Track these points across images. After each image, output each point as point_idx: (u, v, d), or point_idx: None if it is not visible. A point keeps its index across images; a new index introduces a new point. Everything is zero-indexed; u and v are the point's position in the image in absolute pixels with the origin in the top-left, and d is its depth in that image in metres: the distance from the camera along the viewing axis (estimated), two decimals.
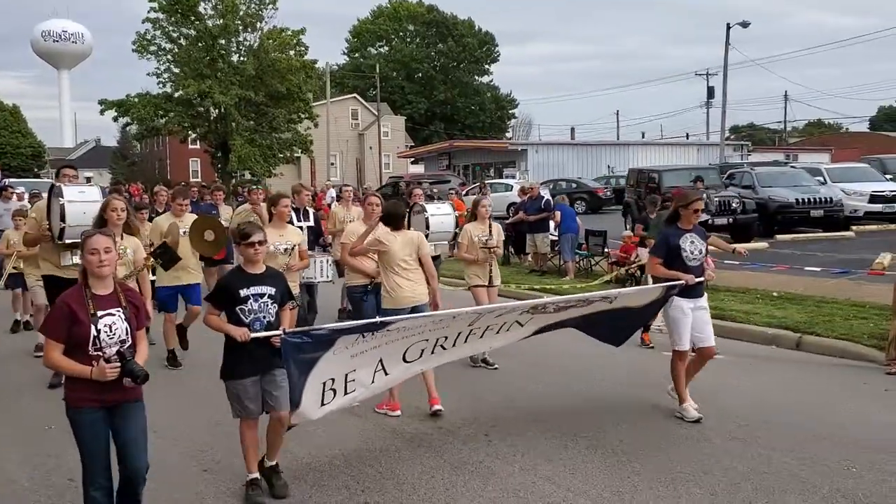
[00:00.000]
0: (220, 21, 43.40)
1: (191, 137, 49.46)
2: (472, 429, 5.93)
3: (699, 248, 6.08)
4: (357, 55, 74.49)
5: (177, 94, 44.27)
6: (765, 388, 6.94)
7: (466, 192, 26.78)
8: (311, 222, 8.79)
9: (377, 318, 5.15)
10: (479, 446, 5.54)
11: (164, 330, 8.05)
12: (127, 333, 3.82)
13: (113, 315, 3.79)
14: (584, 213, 27.33)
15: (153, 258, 7.01)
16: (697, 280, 6.02)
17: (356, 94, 65.74)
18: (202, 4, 43.48)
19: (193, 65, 42.95)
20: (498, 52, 75.66)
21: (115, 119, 46.38)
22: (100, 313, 3.75)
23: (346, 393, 5.00)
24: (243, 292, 4.56)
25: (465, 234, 8.06)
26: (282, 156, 47.40)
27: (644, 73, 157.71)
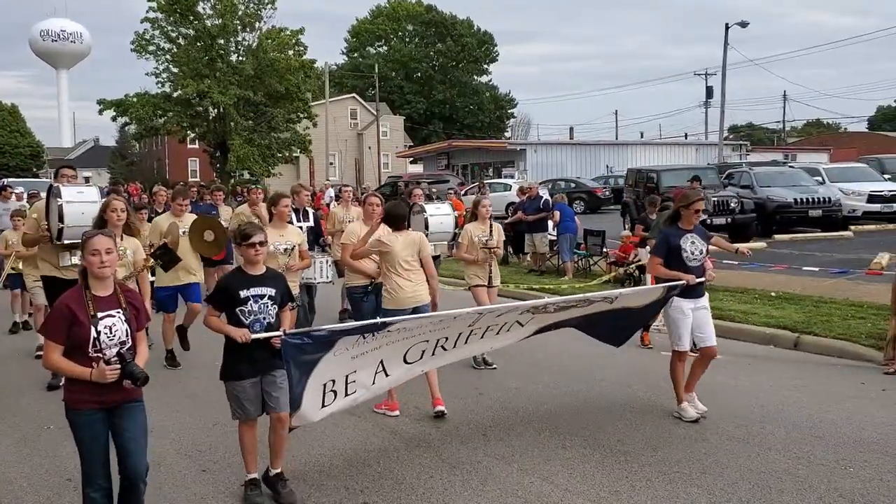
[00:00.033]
0: (219, 21, 43.46)
1: (189, 137, 49.54)
2: (470, 429, 5.95)
3: (700, 249, 6.07)
4: (356, 55, 74.49)
5: (175, 94, 44.34)
6: (762, 387, 6.95)
7: (465, 192, 26.79)
8: (310, 222, 8.78)
9: (378, 319, 5.13)
10: (477, 446, 5.56)
11: (163, 330, 8.06)
12: (127, 335, 3.80)
13: (113, 316, 3.77)
14: (582, 213, 27.35)
15: (153, 259, 7.00)
16: (698, 280, 6.03)
17: (355, 94, 65.76)
18: (201, 4, 43.59)
19: (192, 64, 43.00)
20: (497, 51, 75.73)
21: (113, 119, 46.57)
22: (100, 315, 3.73)
23: (346, 394, 4.99)
24: (243, 293, 4.53)
25: (465, 234, 8.06)
26: (280, 155, 47.44)
27: (643, 72, 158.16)
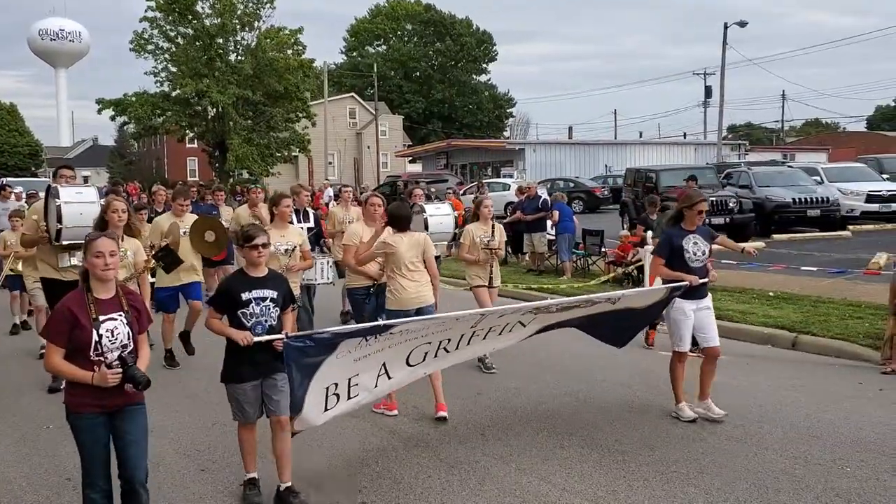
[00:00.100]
0: (218, 20, 43.44)
1: (188, 136, 49.50)
2: (468, 428, 5.97)
3: (702, 250, 6.06)
4: (355, 54, 74.49)
5: (174, 94, 44.34)
6: (760, 387, 6.97)
7: (464, 192, 26.78)
8: (311, 223, 8.78)
9: (380, 322, 5.10)
10: (475, 446, 5.57)
11: (163, 330, 8.02)
12: (129, 338, 3.78)
13: (115, 320, 3.74)
14: (581, 213, 27.34)
15: (155, 260, 6.98)
16: (701, 281, 6.03)
17: (354, 94, 65.77)
18: (199, 4, 43.56)
19: (191, 64, 42.97)
20: (496, 51, 75.74)
21: (112, 118, 46.55)
22: (102, 318, 3.70)
23: (349, 397, 4.97)
24: (245, 296, 4.50)
25: (466, 235, 8.03)
26: (279, 155, 47.43)
27: (642, 72, 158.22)
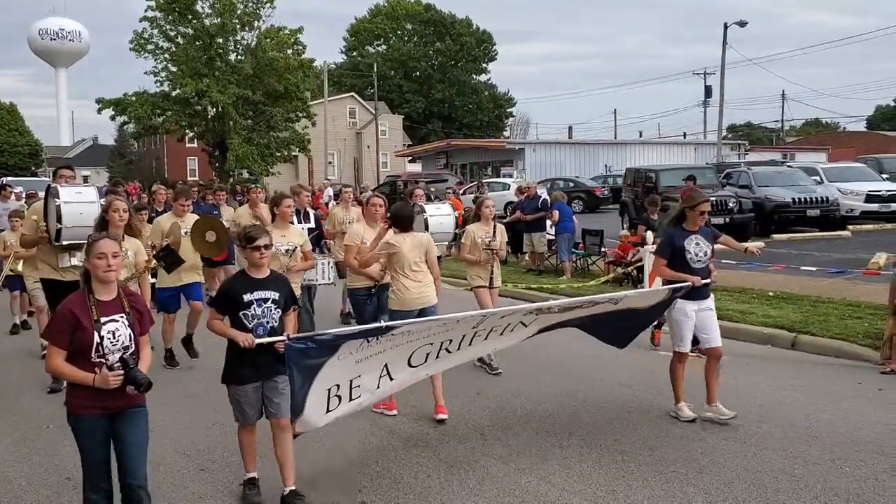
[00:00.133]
0: (218, 20, 43.44)
1: (188, 136, 49.48)
2: (467, 428, 5.97)
3: (704, 251, 6.04)
4: (355, 54, 74.48)
5: (174, 93, 44.34)
6: (760, 387, 6.98)
7: (464, 192, 26.78)
8: (311, 224, 8.78)
9: (382, 323, 5.10)
10: (474, 446, 5.58)
11: (163, 330, 8.00)
12: (130, 340, 3.77)
13: (116, 321, 3.73)
14: (581, 213, 27.35)
15: (156, 260, 6.98)
16: (704, 282, 6.02)
17: (354, 93, 65.78)
18: (199, 3, 43.57)
19: (191, 63, 42.97)
20: (496, 50, 75.73)
21: (112, 118, 46.58)
22: (103, 320, 3.69)
23: (351, 399, 4.96)
24: (246, 297, 4.48)
25: (468, 235, 8.02)
26: (279, 154, 47.44)
27: (642, 72, 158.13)
